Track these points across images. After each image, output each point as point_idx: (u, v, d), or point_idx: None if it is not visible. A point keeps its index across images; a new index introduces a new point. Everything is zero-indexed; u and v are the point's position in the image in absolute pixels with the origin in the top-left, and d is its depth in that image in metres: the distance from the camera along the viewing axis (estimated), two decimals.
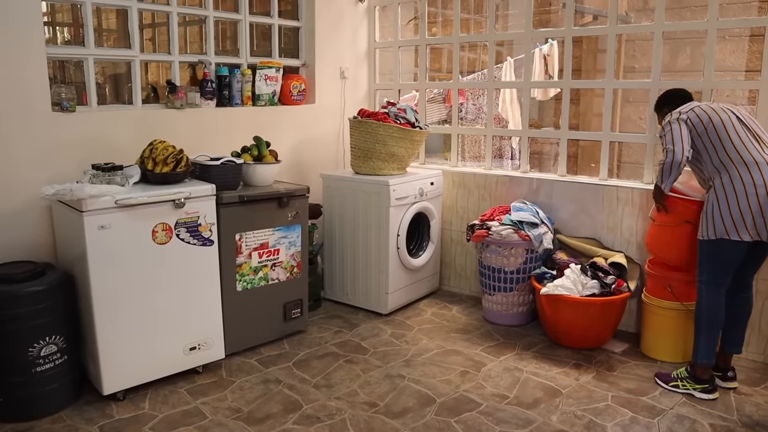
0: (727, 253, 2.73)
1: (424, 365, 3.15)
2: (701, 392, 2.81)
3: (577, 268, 3.36)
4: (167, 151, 2.89)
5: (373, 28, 4.57)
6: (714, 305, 2.79)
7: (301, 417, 2.65)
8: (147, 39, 5.00)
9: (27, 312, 2.51)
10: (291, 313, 3.43)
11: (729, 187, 2.69)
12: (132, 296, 2.71)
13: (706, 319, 2.80)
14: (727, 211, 2.68)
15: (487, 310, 3.79)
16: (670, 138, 2.77)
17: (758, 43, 4.79)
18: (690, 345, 2.91)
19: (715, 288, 2.79)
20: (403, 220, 3.75)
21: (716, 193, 2.72)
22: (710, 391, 2.80)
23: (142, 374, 2.81)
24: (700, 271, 2.84)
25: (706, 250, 2.79)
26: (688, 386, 2.84)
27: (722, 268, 2.78)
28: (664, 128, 2.84)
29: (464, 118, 5.14)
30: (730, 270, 2.78)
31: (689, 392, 2.83)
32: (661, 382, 2.92)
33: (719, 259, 2.76)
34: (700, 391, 2.81)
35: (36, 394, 2.58)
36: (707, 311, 2.79)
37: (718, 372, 2.91)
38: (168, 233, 2.78)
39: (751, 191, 2.64)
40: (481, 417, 2.66)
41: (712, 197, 2.73)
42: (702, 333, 2.81)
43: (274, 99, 3.94)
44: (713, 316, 2.79)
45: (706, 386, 2.81)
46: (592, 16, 5.53)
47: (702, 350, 2.80)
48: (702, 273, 2.82)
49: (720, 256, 2.75)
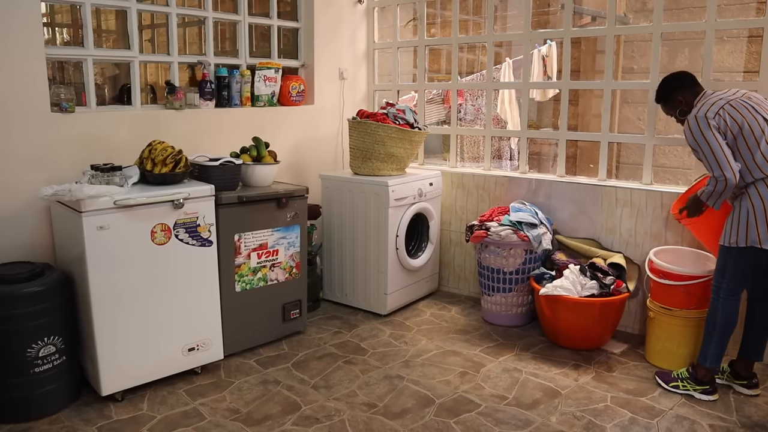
0: (753, 261, 2.68)
1: (423, 366, 3.15)
2: (702, 393, 2.80)
3: (576, 269, 3.37)
4: (166, 151, 2.89)
5: (372, 29, 4.57)
6: (731, 313, 2.73)
7: (300, 418, 2.65)
8: (146, 40, 5.00)
9: (25, 312, 2.51)
10: (290, 314, 3.42)
11: (765, 195, 2.59)
12: (131, 297, 2.71)
13: (721, 326, 2.74)
14: (763, 218, 2.58)
15: (486, 310, 3.79)
16: (714, 160, 2.58)
17: (756, 44, 4.80)
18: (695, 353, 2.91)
19: (734, 295, 2.73)
20: (402, 220, 3.75)
21: (751, 200, 2.61)
22: (711, 393, 2.80)
23: (140, 375, 2.81)
24: (719, 278, 2.76)
25: (732, 256, 2.70)
26: (689, 387, 2.83)
27: (745, 276, 2.73)
28: (695, 136, 2.63)
29: (463, 118, 5.14)
30: (750, 278, 2.74)
31: (689, 393, 2.82)
32: (662, 382, 2.92)
33: (743, 267, 2.70)
34: (700, 392, 2.80)
35: (34, 394, 2.58)
36: (723, 318, 2.73)
37: (743, 381, 2.88)
38: (167, 234, 2.78)
39: None
40: (480, 418, 2.66)
41: (747, 203, 2.62)
42: (714, 338, 2.76)
43: (273, 100, 3.94)
44: (729, 323, 2.74)
45: (707, 387, 2.80)
46: (590, 17, 5.53)
47: (712, 355, 2.77)
48: (722, 280, 2.74)
49: (745, 264, 2.69)
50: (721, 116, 2.62)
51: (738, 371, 2.89)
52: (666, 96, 2.91)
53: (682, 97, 2.83)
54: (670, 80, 2.90)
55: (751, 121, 2.61)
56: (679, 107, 2.85)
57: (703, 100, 2.73)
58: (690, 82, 2.85)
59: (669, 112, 2.95)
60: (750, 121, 2.61)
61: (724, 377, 2.94)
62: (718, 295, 2.76)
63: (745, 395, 2.85)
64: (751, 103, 2.67)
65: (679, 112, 2.86)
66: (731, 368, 2.92)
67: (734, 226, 2.67)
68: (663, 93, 2.92)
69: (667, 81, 2.91)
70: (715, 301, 2.77)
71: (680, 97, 2.83)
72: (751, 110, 2.64)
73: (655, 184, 3.52)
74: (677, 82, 2.87)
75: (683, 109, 2.83)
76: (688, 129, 2.68)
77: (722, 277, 2.75)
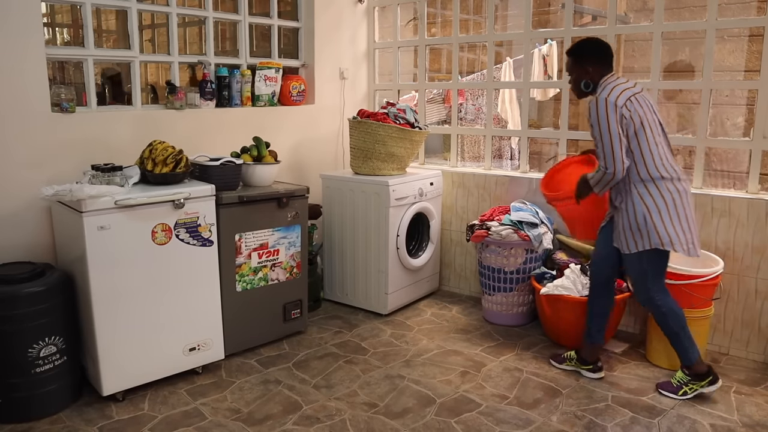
0: (663, 258, 2.77)
1: (424, 365, 3.15)
2: (708, 386, 2.78)
3: (577, 268, 3.36)
4: (167, 151, 2.89)
5: (372, 28, 4.57)
6: (674, 309, 2.77)
7: (301, 417, 2.65)
8: (146, 40, 5.00)
9: (26, 313, 2.51)
10: (291, 314, 3.42)
11: (658, 197, 2.66)
12: (131, 297, 2.71)
13: (675, 323, 2.77)
14: (659, 220, 2.65)
15: (486, 310, 3.79)
16: (609, 150, 2.62)
17: (757, 43, 4.79)
18: None
19: (664, 291, 2.79)
20: (402, 220, 3.75)
21: (645, 202, 2.67)
22: (714, 381, 2.79)
23: (141, 375, 2.81)
24: (642, 285, 2.80)
25: (644, 259, 2.74)
26: (696, 387, 2.79)
27: (662, 270, 2.80)
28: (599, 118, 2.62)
29: (464, 118, 5.14)
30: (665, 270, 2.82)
31: (698, 392, 2.79)
32: (670, 394, 2.82)
33: (656, 262, 2.76)
34: (707, 385, 2.78)
35: (35, 395, 2.58)
36: (673, 316, 2.76)
37: (588, 366, 2.99)
38: (167, 234, 2.78)
39: (678, 200, 2.67)
40: (481, 417, 2.66)
41: (641, 208, 2.67)
42: (680, 337, 2.78)
43: (273, 99, 3.94)
44: (679, 319, 2.77)
45: (710, 378, 2.78)
46: (591, 17, 5.53)
47: (689, 351, 2.78)
48: (646, 284, 2.78)
49: (656, 260, 2.75)
50: (628, 108, 2.64)
51: (584, 357, 3.01)
52: (580, 57, 2.81)
53: (592, 68, 2.77)
54: (592, 46, 2.81)
55: (651, 120, 2.68)
56: (584, 78, 2.80)
57: (611, 83, 2.71)
58: (607, 60, 2.79)
59: (572, 74, 2.85)
60: (651, 119, 2.68)
61: (573, 364, 3.05)
62: (654, 302, 2.78)
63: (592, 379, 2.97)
64: (650, 102, 2.74)
65: (583, 84, 2.81)
66: (577, 354, 3.04)
67: (635, 231, 2.71)
68: (579, 51, 2.82)
69: (589, 44, 2.83)
70: (656, 310, 2.80)
71: (591, 67, 2.77)
72: (650, 109, 2.71)
73: None
74: (598, 52, 2.78)
75: (587, 81, 2.79)
76: (595, 108, 2.65)
77: (645, 283, 2.79)
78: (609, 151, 2.63)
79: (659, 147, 2.68)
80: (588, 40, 2.87)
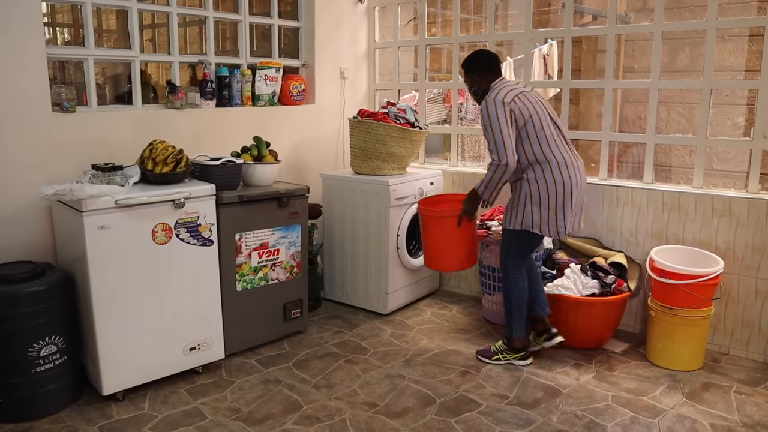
0: (528, 240, 3.04)
1: (424, 365, 3.15)
2: (520, 360, 3.11)
3: (578, 268, 3.37)
4: (167, 151, 2.89)
5: (372, 28, 4.57)
6: (522, 287, 3.06)
7: (301, 417, 2.65)
8: (147, 39, 5.00)
9: (27, 312, 2.51)
10: (291, 313, 3.42)
11: (542, 183, 2.91)
12: (132, 296, 2.71)
13: (517, 298, 3.06)
14: (537, 206, 2.91)
15: (487, 310, 3.79)
16: (501, 144, 2.84)
17: (758, 43, 4.79)
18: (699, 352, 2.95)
19: (519, 270, 3.07)
20: (402, 220, 3.75)
21: (529, 186, 2.93)
22: (527, 357, 3.13)
23: (141, 374, 2.81)
24: (505, 257, 3.09)
25: (512, 237, 3.04)
26: (509, 357, 3.12)
27: (525, 253, 3.09)
28: (490, 118, 2.87)
29: (464, 118, 5.13)
30: (529, 253, 3.12)
31: (510, 362, 3.11)
32: (484, 358, 3.16)
33: (522, 244, 3.05)
34: (518, 359, 3.11)
35: (36, 394, 2.58)
36: (517, 292, 3.05)
37: (544, 335, 3.17)
38: (168, 233, 2.78)
39: (560, 189, 2.90)
40: (482, 417, 2.66)
41: (525, 189, 2.94)
42: (514, 310, 3.08)
43: (273, 99, 3.95)
44: (521, 294, 3.06)
45: (523, 354, 3.12)
46: (591, 17, 5.52)
47: (517, 326, 3.08)
48: (507, 258, 3.07)
49: (523, 243, 3.05)
50: (516, 103, 2.90)
51: (537, 329, 3.20)
52: (468, 68, 3.10)
53: (479, 77, 3.06)
54: (478, 58, 3.09)
55: (541, 112, 2.94)
56: (474, 86, 3.09)
57: (500, 86, 2.98)
58: (492, 68, 3.05)
59: (466, 83, 3.16)
60: (540, 112, 2.94)
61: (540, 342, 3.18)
62: (507, 272, 3.08)
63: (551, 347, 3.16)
64: (538, 98, 3.01)
65: (473, 91, 3.11)
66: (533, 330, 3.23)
67: (513, 210, 3.01)
68: (466, 64, 3.11)
69: (475, 57, 3.10)
70: (506, 278, 3.09)
71: (476, 77, 3.07)
72: (538, 104, 2.96)
73: (656, 183, 3.52)
74: (482, 63, 3.07)
75: (476, 89, 3.08)
76: (485, 110, 2.91)
77: (507, 255, 3.09)
78: (501, 145, 2.85)
79: (548, 135, 2.93)
80: (475, 53, 3.12)
